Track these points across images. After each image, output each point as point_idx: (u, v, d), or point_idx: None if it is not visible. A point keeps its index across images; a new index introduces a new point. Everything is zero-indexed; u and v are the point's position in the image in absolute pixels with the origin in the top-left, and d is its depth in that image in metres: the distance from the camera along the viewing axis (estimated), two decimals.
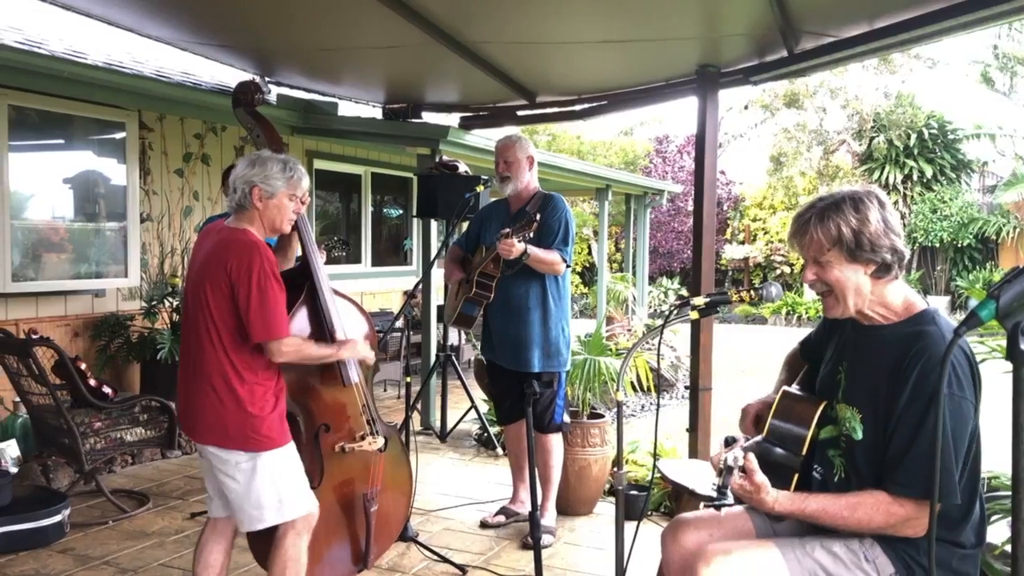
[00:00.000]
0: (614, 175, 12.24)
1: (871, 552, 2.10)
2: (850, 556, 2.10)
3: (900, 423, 2.00)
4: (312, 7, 4.50)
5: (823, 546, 2.13)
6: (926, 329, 2.04)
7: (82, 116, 5.68)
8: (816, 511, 2.07)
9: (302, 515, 2.83)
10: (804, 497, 2.10)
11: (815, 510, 2.07)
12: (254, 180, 2.76)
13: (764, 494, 2.07)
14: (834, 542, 2.13)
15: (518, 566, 3.89)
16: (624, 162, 23.48)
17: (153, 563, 3.87)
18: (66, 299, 5.86)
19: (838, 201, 2.09)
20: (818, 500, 2.09)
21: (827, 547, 2.12)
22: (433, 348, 6.72)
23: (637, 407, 7.82)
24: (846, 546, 2.11)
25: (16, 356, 4.41)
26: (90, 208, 5.91)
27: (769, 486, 2.07)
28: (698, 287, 4.94)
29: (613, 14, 4.35)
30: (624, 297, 12.87)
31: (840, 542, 2.12)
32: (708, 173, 4.93)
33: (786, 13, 4.00)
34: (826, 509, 2.06)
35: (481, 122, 6.89)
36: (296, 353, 2.79)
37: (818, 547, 2.13)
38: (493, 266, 4.09)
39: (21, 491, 4.31)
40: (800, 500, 2.09)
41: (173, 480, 5.17)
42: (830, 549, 2.12)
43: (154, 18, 5.18)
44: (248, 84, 3.48)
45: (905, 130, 19.37)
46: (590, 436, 4.62)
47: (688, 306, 2.39)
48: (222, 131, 7.08)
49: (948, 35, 4.14)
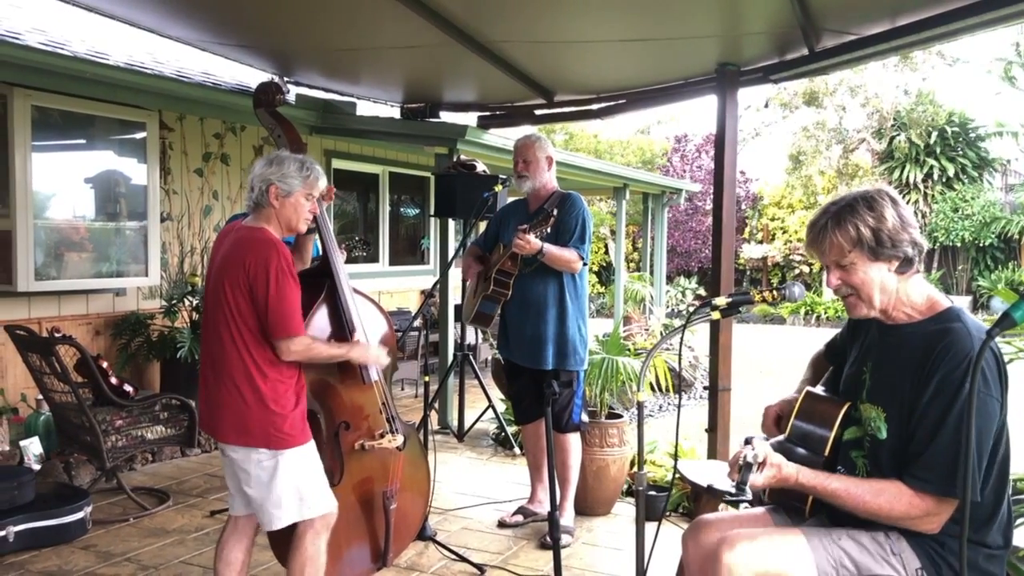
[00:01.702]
0: (632, 174, 12.20)
1: (898, 545, 2.08)
2: (876, 547, 2.09)
3: (923, 418, 1.99)
4: (332, 8, 4.52)
5: (850, 535, 2.12)
6: (951, 326, 2.02)
7: (103, 116, 5.72)
8: (838, 489, 2.07)
9: (322, 514, 2.84)
10: (827, 475, 2.11)
11: (837, 488, 2.07)
12: (271, 179, 2.78)
13: (785, 469, 2.08)
14: (862, 533, 2.12)
15: (536, 566, 3.89)
16: (641, 161, 23.43)
17: (174, 560, 3.90)
18: (88, 298, 5.92)
19: (851, 203, 2.08)
20: (842, 480, 2.09)
21: (854, 536, 2.11)
22: (451, 347, 6.73)
23: (655, 407, 7.79)
24: (873, 537, 2.10)
25: (39, 354, 4.45)
26: (111, 207, 5.96)
27: (785, 461, 2.08)
28: (718, 287, 4.91)
29: (632, 13, 4.33)
30: (642, 297, 12.84)
31: (867, 533, 2.11)
32: (728, 172, 4.90)
33: (807, 11, 3.97)
34: (848, 489, 2.06)
35: (499, 121, 6.89)
36: (306, 352, 2.79)
37: (845, 536, 2.12)
38: (511, 263, 4.09)
39: (44, 488, 4.35)
40: (823, 476, 2.10)
41: (193, 478, 5.20)
42: (857, 539, 2.11)
43: (175, 19, 5.22)
44: (269, 85, 3.49)
45: (926, 128, 19.18)
46: (608, 436, 4.61)
47: (709, 306, 2.37)
48: (241, 131, 7.12)
49: (970, 33, 4.10)
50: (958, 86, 21.79)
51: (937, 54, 18.82)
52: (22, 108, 5.10)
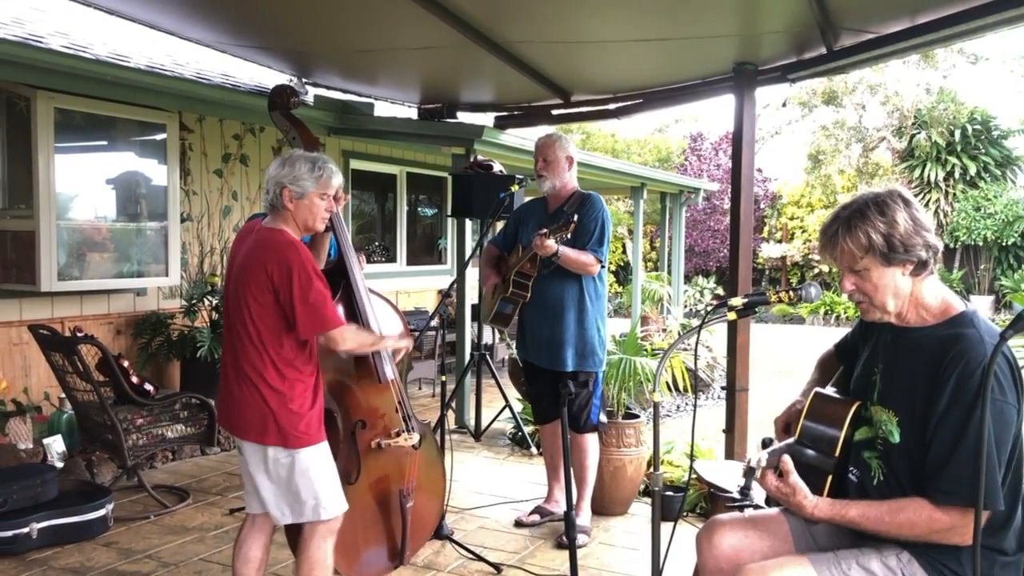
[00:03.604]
0: (649, 173, 12.17)
1: (909, 568, 2.04)
2: (887, 573, 2.05)
3: (940, 429, 1.95)
4: (349, 9, 4.55)
5: (859, 562, 2.08)
6: (965, 332, 1.98)
7: (124, 118, 5.79)
8: (856, 516, 2.03)
9: (334, 516, 2.86)
10: (844, 503, 2.06)
11: (855, 516, 2.03)
12: (284, 181, 2.79)
13: (802, 498, 2.04)
14: (871, 558, 2.08)
15: (552, 565, 3.89)
16: (658, 160, 23.36)
17: (194, 557, 3.94)
18: (109, 298, 5.98)
19: (861, 207, 2.04)
20: (859, 506, 2.05)
21: (863, 563, 2.07)
22: (468, 347, 6.75)
23: (672, 407, 7.77)
24: (883, 562, 2.06)
25: (62, 353, 4.51)
26: (132, 208, 6.02)
27: (807, 490, 2.04)
28: (735, 287, 4.90)
29: (649, 12, 4.33)
30: (659, 296, 12.80)
31: (877, 559, 2.07)
32: (745, 172, 4.89)
33: (825, 9, 3.95)
34: (867, 515, 2.02)
35: (515, 121, 6.90)
36: (355, 339, 2.90)
37: (854, 564, 2.08)
38: (530, 266, 4.10)
39: (67, 485, 4.41)
40: (840, 506, 2.05)
41: (212, 476, 5.25)
42: (866, 567, 2.07)
43: (194, 21, 5.27)
44: (284, 88, 3.53)
45: (947, 126, 18.98)
46: (625, 436, 4.61)
47: (725, 307, 2.37)
48: (260, 132, 7.17)
49: (992, 31, 4.06)
50: (980, 84, 21.55)
51: (959, 51, 18.64)
52: (45, 111, 5.16)
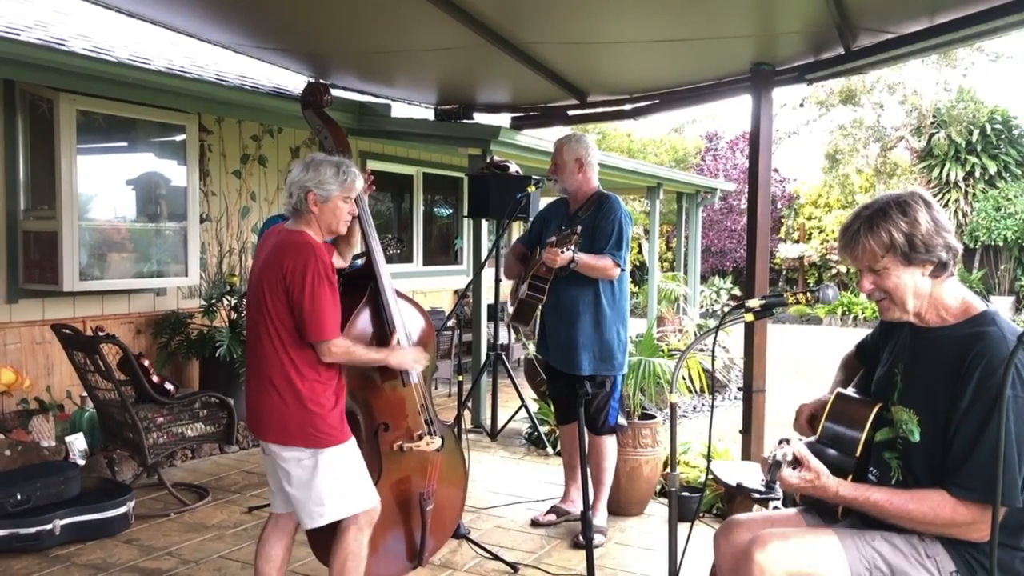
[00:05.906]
0: (665, 173, 12.14)
1: (932, 548, 2.07)
2: (910, 549, 2.08)
3: (962, 425, 1.97)
4: (367, 11, 4.57)
5: (884, 537, 2.11)
6: (986, 330, 2.01)
7: (145, 119, 5.85)
8: (880, 500, 2.06)
9: (364, 510, 2.88)
10: (868, 487, 2.10)
11: (879, 499, 2.06)
12: (308, 185, 2.81)
13: (825, 479, 2.07)
14: (895, 535, 2.11)
15: (569, 565, 3.90)
16: (674, 160, 23.30)
17: (213, 555, 3.98)
18: (129, 297, 6.05)
19: (883, 207, 2.07)
20: (883, 491, 2.08)
21: (887, 538, 2.11)
22: (484, 347, 6.77)
23: (689, 408, 7.76)
24: (907, 539, 2.10)
25: (84, 352, 4.57)
26: (152, 209, 6.08)
27: (828, 472, 2.07)
28: (752, 288, 4.88)
29: (666, 13, 4.32)
30: (676, 296, 12.76)
31: (901, 536, 2.11)
32: (763, 173, 4.87)
33: (843, 9, 3.93)
34: (891, 500, 2.05)
35: (532, 122, 6.90)
36: (345, 355, 2.84)
37: (878, 537, 2.11)
38: (545, 269, 4.11)
39: (89, 483, 4.46)
40: (864, 489, 2.09)
41: (231, 475, 5.30)
42: (891, 540, 2.10)
43: (213, 23, 5.31)
44: (317, 86, 3.54)
45: (967, 125, 18.81)
46: (641, 437, 4.61)
47: (742, 308, 2.37)
48: (278, 133, 7.22)
49: (1012, 30, 4.02)
50: (1001, 82, 21.33)
51: (978, 49, 18.47)
52: (68, 112, 5.23)
